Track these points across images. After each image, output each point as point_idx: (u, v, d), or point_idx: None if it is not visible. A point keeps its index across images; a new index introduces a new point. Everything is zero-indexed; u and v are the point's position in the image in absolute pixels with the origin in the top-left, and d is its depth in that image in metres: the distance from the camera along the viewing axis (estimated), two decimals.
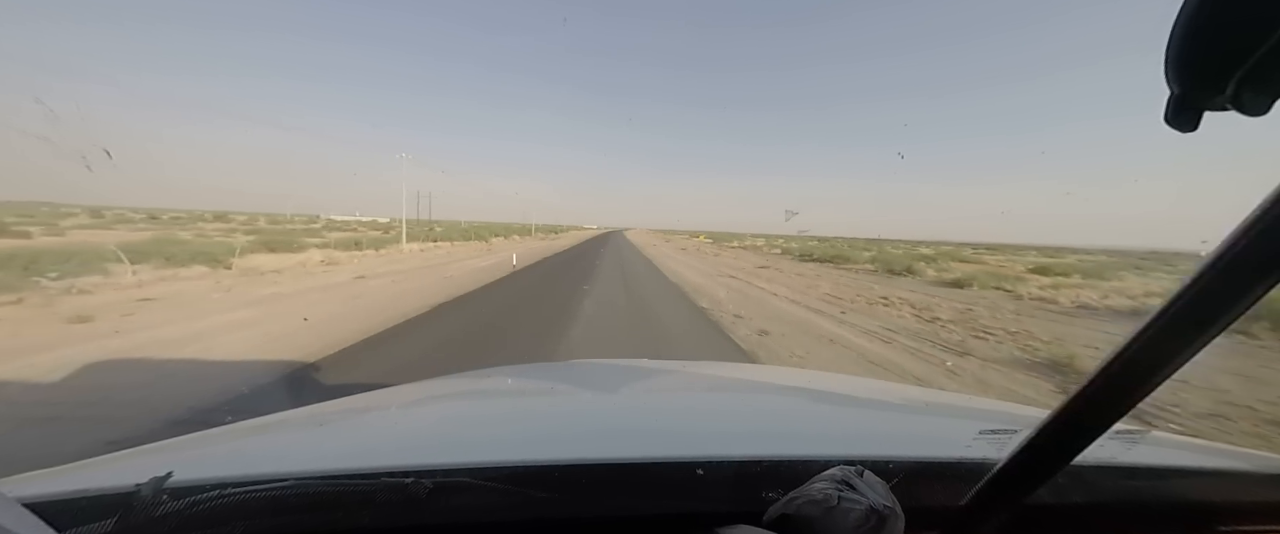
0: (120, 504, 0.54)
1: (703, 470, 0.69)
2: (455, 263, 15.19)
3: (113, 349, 4.45)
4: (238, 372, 3.97)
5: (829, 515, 0.55)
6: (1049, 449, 0.60)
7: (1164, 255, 29.80)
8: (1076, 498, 0.72)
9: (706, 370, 2.02)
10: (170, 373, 3.92)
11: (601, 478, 0.69)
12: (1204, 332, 0.42)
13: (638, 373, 1.62)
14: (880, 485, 0.60)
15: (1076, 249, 63.39)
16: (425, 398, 1.32)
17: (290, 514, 0.59)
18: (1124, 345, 0.46)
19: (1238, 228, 0.36)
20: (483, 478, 0.64)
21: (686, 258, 23.61)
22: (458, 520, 0.63)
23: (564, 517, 0.66)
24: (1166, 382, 0.47)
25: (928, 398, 1.67)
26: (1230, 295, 0.39)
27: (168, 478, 0.57)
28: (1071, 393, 0.54)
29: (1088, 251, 44.13)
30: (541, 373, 1.79)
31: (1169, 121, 0.33)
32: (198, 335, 5.04)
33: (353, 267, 12.66)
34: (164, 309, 6.40)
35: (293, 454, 0.86)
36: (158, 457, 0.82)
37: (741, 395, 1.40)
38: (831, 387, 1.71)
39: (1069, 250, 52.15)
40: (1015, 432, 0.74)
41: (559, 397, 1.34)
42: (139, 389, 3.55)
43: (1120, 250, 53.79)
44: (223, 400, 3.34)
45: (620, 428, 1.03)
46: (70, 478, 0.68)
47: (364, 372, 4.17)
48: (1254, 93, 0.30)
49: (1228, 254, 0.37)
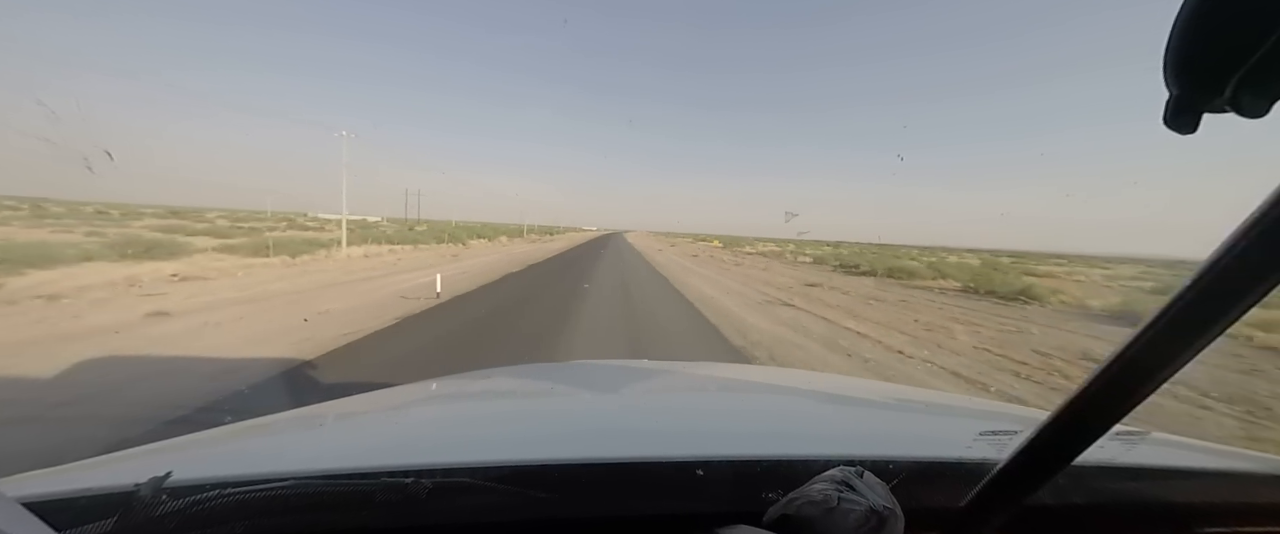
0: (120, 504, 0.54)
1: (703, 470, 0.69)
2: (355, 285, 9.90)
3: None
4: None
5: (829, 516, 0.55)
6: (1049, 450, 0.60)
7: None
8: (1076, 499, 0.72)
9: (706, 370, 2.02)
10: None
11: (601, 478, 0.69)
12: (1204, 333, 0.42)
13: (638, 373, 1.62)
14: (880, 486, 0.60)
15: (1109, 257, 60.19)
16: (425, 398, 1.32)
17: (290, 514, 0.59)
18: (1124, 346, 0.46)
19: (1237, 230, 0.36)
20: (483, 478, 0.64)
21: (707, 271, 18.07)
22: (458, 520, 0.63)
23: (564, 517, 0.66)
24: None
25: (928, 399, 1.67)
26: (1230, 297, 0.39)
27: (167, 478, 0.57)
28: (1071, 394, 0.54)
29: (1107, 258, 41.77)
30: (541, 373, 1.79)
31: (1168, 123, 0.33)
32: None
33: (189, 293, 8.17)
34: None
35: (293, 454, 0.86)
36: (158, 457, 0.82)
37: (741, 395, 1.40)
38: (831, 387, 1.71)
39: (1099, 259, 47.53)
40: (1015, 432, 0.74)
41: (559, 397, 1.34)
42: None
43: (1137, 258, 51.26)
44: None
45: (620, 428, 1.03)
46: (70, 478, 0.68)
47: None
48: (1253, 95, 0.30)
49: (1227, 256, 0.37)
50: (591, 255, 22.33)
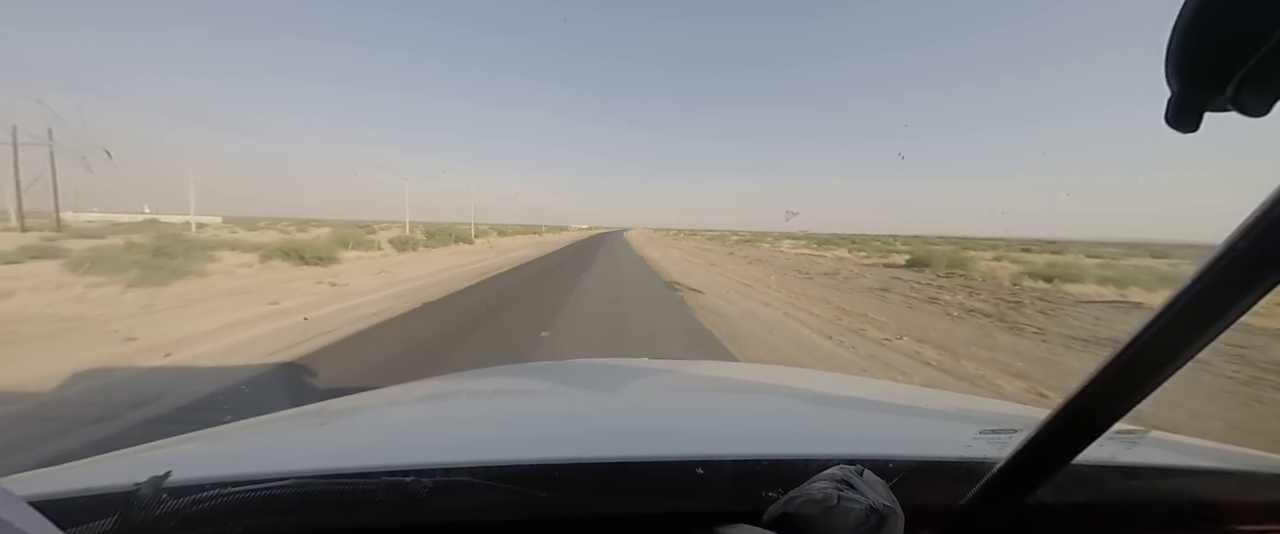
0: (120, 503, 0.54)
1: (703, 470, 0.69)
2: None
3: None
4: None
5: (829, 515, 0.55)
6: (1049, 449, 0.60)
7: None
8: (1076, 498, 0.72)
9: (706, 370, 2.02)
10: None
11: (601, 477, 0.69)
12: (1204, 331, 0.42)
13: (637, 373, 1.62)
14: (880, 485, 0.60)
15: (1120, 243, 59.41)
16: (425, 397, 1.32)
17: (290, 514, 0.58)
18: (1124, 345, 0.46)
19: (1238, 228, 0.36)
20: (483, 477, 0.64)
21: (759, 290, 10.55)
22: (457, 520, 0.63)
23: (564, 516, 0.66)
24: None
25: (928, 398, 1.67)
26: (1230, 295, 0.39)
27: (167, 477, 0.57)
28: (1071, 392, 0.54)
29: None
30: (541, 372, 1.79)
31: (1170, 122, 0.33)
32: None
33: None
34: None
35: (292, 453, 0.86)
36: (158, 456, 0.82)
37: (741, 395, 1.40)
38: (831, 387, 1.71)
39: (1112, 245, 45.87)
40: (1015, 432, 0.74)
41: (559, 396, 1.34)
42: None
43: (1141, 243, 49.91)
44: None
45: (620, 428, 1.03)
46: (70, 476, 0.68)
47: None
48: (1255, 94, 0.30)
49: (1228, 254, 0.37)
50: (567, 280, 11.08)
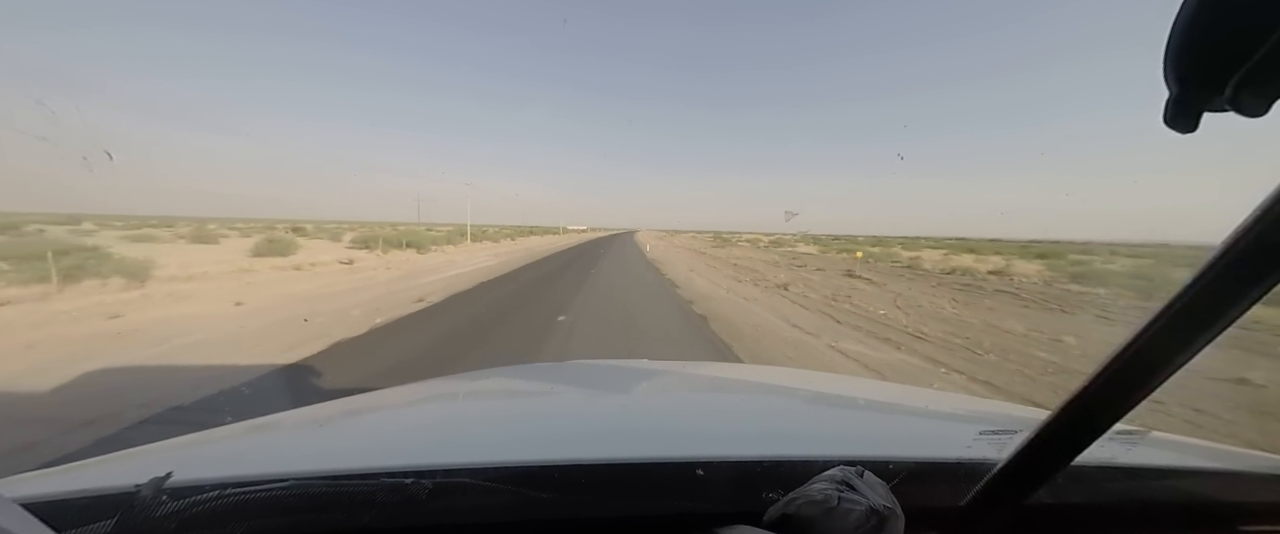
0: (120, 504, 0.54)
1: (703, 470, 0.69)
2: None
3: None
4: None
5: (829, 516, 0.55)
6: (1049, 449, 0.60)
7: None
8: (1076, 498, 0.72)
9: (706, 371, 2.02)
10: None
11: (601, 478, 0.69)
12: (1204, 331, 0.42)
13: (637, 373, 1.62)
14: (880, 486, 0.60)
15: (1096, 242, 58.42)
16: (425, 398, 1.32)
17: (290, 515, 0.58)
18: (1124, 345, 0.46)
19: (1237, 228, 0.36)
20: (483, 478, 0.64)
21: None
22: (458, 521, 0.63)
23: (564, 517, 0.66)
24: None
25: (928, 398, 1.66)
26: (1230, 295, 0.39)
27: (168, 478, 0.57)
28: (1072, 393, 0.54)
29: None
30: (541, 373, 1.79)
31: (1168, 122, 0.33)
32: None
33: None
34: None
35: (293, 454, 0.86)
36: (158, 457, 0.82)
37: (741, 395, 1.40)
38: (832, 387, 1.71)
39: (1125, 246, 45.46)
40: (1015, 432, 0.74)
41: (559, 397, 1.34)
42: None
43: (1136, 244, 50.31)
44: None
45: (620, 428, 1.03)
46: (70, 478, 0.68)
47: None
48: (1252, 94, 0.30)
49: (1228, 254, 0.37)
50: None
